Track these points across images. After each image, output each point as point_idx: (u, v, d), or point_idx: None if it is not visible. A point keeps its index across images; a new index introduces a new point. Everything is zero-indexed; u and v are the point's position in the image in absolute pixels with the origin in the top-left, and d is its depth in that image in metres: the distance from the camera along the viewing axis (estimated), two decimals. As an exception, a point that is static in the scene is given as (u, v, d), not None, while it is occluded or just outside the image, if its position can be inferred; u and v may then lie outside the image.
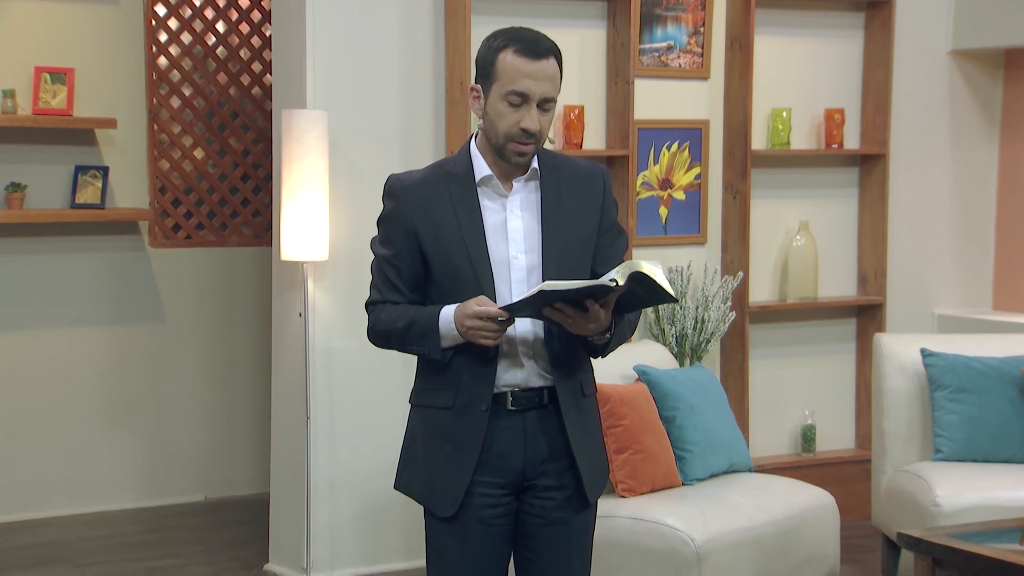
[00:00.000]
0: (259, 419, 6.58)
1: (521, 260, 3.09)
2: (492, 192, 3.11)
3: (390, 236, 3.16)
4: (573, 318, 2.96)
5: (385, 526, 5.45)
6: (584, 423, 3.16)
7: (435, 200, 3.10)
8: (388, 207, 3.16)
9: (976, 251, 6.54)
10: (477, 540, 3.12)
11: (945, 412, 5.19)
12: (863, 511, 5.80)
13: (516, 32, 3.09)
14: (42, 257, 6.28)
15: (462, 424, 3.10)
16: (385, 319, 3.18)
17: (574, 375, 3.13)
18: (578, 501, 3.15)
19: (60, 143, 6.24)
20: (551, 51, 3.06)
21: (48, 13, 6.24)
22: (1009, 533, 4.27)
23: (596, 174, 3.21)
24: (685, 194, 5.91)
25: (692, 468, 4.75)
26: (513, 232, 3.09)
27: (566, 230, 3.10)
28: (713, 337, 5.71)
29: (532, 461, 3.11)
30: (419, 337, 3.10)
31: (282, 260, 5.25)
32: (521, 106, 3.03)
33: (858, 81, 6.25)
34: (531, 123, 3.02)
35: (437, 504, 3.15)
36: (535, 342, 3.10)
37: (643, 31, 5.73)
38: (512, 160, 3.07)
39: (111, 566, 5.60)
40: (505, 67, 3.03)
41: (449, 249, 3.08)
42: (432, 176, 3.14)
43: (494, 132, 3.07)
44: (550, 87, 3.04)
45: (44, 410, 6.31)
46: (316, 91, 5.24)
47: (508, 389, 3.09)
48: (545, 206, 3.11)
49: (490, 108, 3.06)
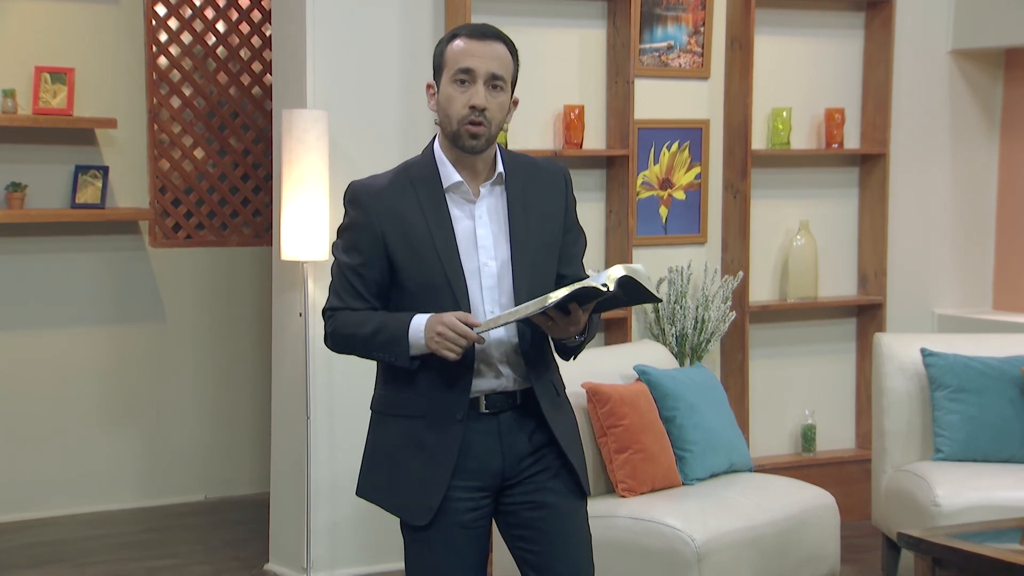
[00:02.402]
0: (259, 419, 6.58)
1: (491, 267, 3.08)
2: (460, 199, 3.10)
3: (356, 244, 3.09)
4: (556, 321, 2.97)
5: (385, 526, 5.43)
6: (562, 419, 3.17)
7: (403, 208, 3.07)
8: (353, 215, 3.11)
9: (976, 251, 6.54)
10: (457, 543, 3.10)
11: (945, 412, 5.19)
12: (863, 511, 5.80)
13: (463, 25, 3.15)
14: (42, 257, 6.28)
15: (435, 433, 3.07)
16: (349, 323, 3.11)
17: (546, 375, 3.15)
18: (567, 489, 3.14)
19: (60, 143, 6.24)
20: (498, 36, 3.07)
21: (48, 13, 6.24)
22: (1009, 533, 4.27)
23: (558, 174, 3.21)
24: (685, 194, 5.91)
25: (692, 468, 4.75)
26: (482, 239, 3.08)
27: (533, 234, 3.11)
28: (713, 337, 5.71)
29: (511, 460, 3.11)
30: (386, 343, 3.05)
31: (282, 260, 5.25)
32: (468, 85, 3.03)
33: (858, 81, 6.25)
34: (478, 99, 3.01)
35: (411, 513, 3.10)
36: (509, 350, 3.09)
37: (643, 31, 5.73)
38: (467, 145, 3.04)
39: (111, 566, 5.60)
40: (451, 53, 3.06)
41: (422, 259, 3.05)
42: (396, 182, 3.11)
43: (447, 120, 3.06)
44: (496, 64, 3.04)
45: (44, 410, 6.32)
46: (316, 91, 5.24)
47: (480, 394, 3.09)
48: (512, 211, 3.10)
49: (441, 96, 3.07)
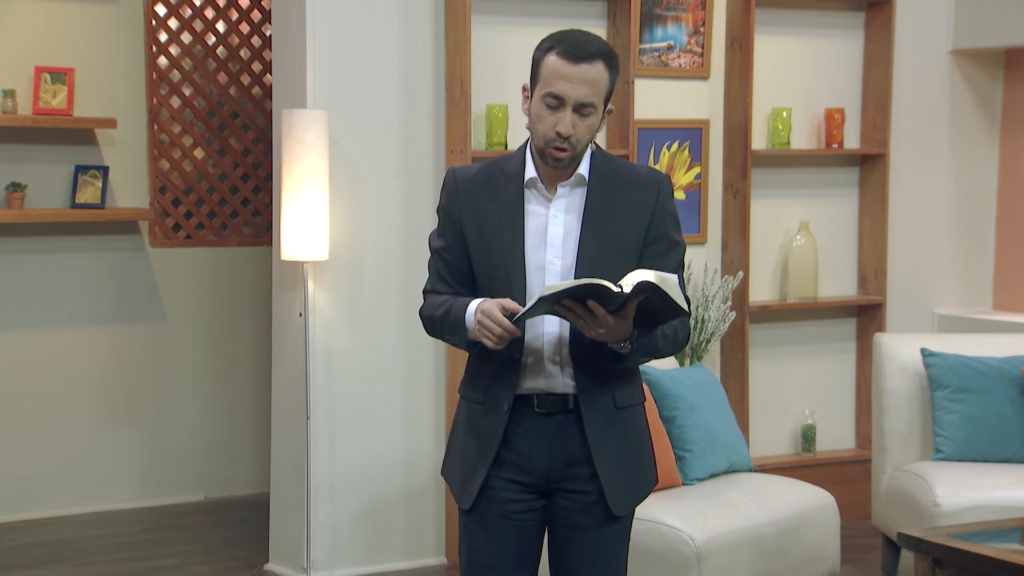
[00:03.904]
0: (259, 418, 6.58)
1: (557, 265, 3.08)
2: (538, 194, 3.11)
3: (443, 229, 3.19)
4: (583, 318, 2.94)
5: (385, 526, 5.45)
6: (615, 434, 3.12)
7: (484, 198, 3.11)
8: (443, 200, 3.20)
9: (976, 251, 6.54)
10: (497, 532, 3.13)
11: (945, 412, 5.19)
12: (863, 511, 5.80)
13: (565, 35, 3.07)
14: (42, 257, 6.28)
15: (487, 421, 3.12)
16: (430, 306, 3.19)
17: (604, 384, 3.10)
18: (602, 511, 3.13)
19: (60, 143, 6.24)
20: (596, 55, 3.03)
21: (48, 13, 6.23)
22: (1009, 533, 4.27)
23: (652, 182, 3.15)
24: (685, 194, 5.91)
25: (692, 468, 4.75)
26: (552, 237, 3.09)
27: (607, 238, 3.08)
28: (713, 337, 5.71)
29: (557, 464, 3.11)
30: (451, 326, 3.11)
31: (282, 260, 5.25)
32: (557, 109, 3.01)
33: (858, 81, 6.25)
34: (564, 127, 3.00)
35: (458, 495, 3.19)
36: (561, 348, 3.08)
37: (643, 31, 5.73)
38: (550, 163, 3.06)
39: (111, 566, 5.60)
40: (546, 69, 3.03)
41: (489, 249, 3.10)
42: (486, 173, 3.15)
43: (535, 134, 3.07)
44: (587, 91, 3.01)
45: (44, 409, 6.31)
46: (316, 91, 5.24)
47: (533, 392, 3.09)
48: (588, 212, 3.08)
49: (532, 110, 3.07)
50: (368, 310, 5.34)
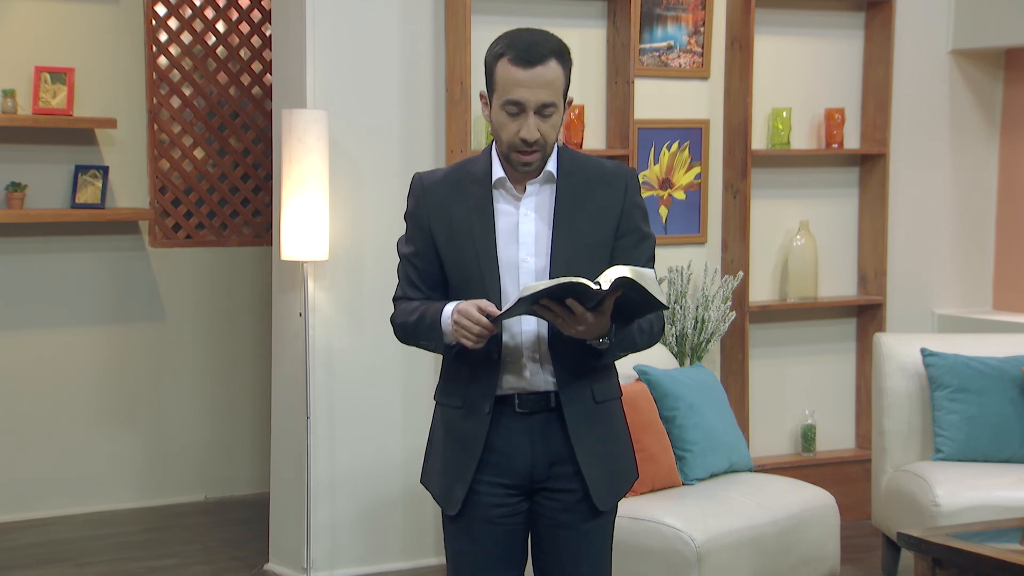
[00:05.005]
0: (259, 418, 6.58)
1: (530, 263, 3.08)
2: (506, 194, 3.11)
3: (411, 234, 3.17)
4: (562, 317, 2.94)
5: (385, 526, 5.45)
6: (595, 429, 3.13)
7: (452, 201, 3.10)
8: (409, 205, 3.18)
9: (976, 251, 6.54)
10: (483, 537, 3.13)
11: (945, 412, 5.19)
12: (863, 511, 5.80)
13: (513, 37, 3.04)
14: (42, 257, 6.28)
15: (468, 425, 3.11)
16: (402, 312, 3.17)
17: (582, 380, 3.11)
18: (586, 507, 3.14)
19: (60, 143, 6.24)
20: (548, 55, 3.01)
21: (48, 13, 6.24)
22: (1009, 533, 4.27)
23: (619, 177, 3.16)
24: (685, 194, 5.91)
25: (692, 468, 4.75)
26: (524, 235, 3.09)
27: (578, 233, 3.08)
28: (713, 337, 5.71)
29: (540, 463, 3.11)
30: (427, 331, 3.09)
31: (282, 260, 5.25)
32: (519, 115, 3.01)
33: (858, 81, 6.25)
34: (528, 132, 3.00)
35: (445, 502, 3.17)
36: (540, 346, 3.09)
37: (643, 30, 5.73)
38: (518, 168, 3.06)
39: (111, 566, 5.60)
40: (501, 76, 3.02)
41: (461, 250, 3.09)
42: (453, 176, 3.15)
43: (499, 140, 3.07)
44: (546, 93, 3.00)
45: (44, 409, 6.31)
46: (316, 91, 5.24)
47: (514, 392, 3.09)
48: (558, 209, 3.09)
49: (493, 117, 3.06)
50: (368, 310, 5.34)
